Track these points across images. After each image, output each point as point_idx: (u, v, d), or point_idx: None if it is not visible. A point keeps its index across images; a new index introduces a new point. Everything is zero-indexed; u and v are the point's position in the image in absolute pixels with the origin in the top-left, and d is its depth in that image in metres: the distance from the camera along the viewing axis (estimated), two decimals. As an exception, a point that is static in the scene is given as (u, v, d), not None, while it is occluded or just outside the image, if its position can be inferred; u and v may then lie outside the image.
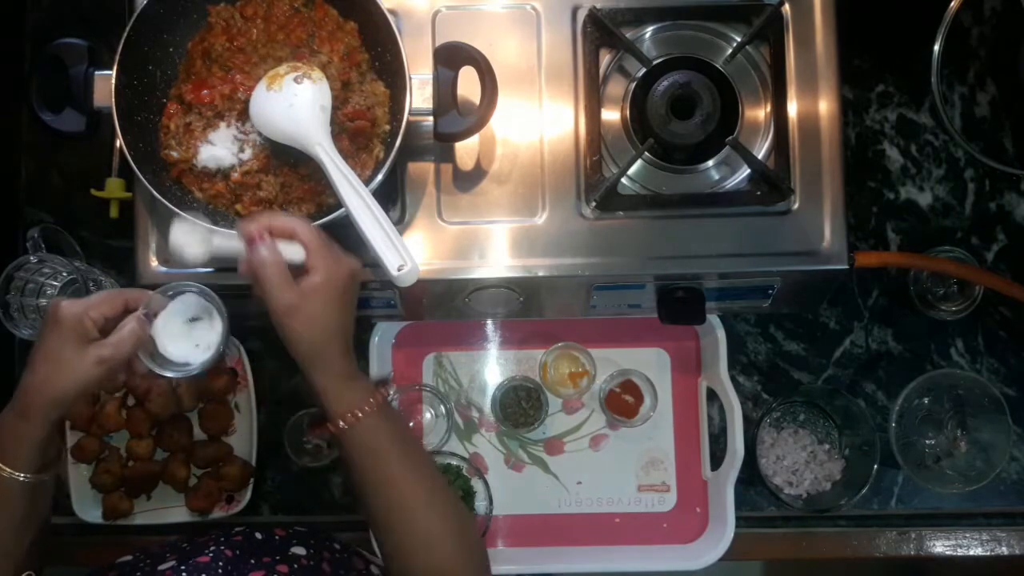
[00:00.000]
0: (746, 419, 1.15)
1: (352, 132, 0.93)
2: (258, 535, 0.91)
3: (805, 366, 1.22)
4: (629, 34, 1.00)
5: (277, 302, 0.82)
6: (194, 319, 0.90)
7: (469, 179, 1.00)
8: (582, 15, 1.00)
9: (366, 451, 0.83)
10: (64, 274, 1.15)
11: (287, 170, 0.94)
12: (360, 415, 0.82)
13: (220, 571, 0.81)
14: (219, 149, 0.93)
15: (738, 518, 1.14)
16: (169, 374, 0.90)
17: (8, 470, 0.81)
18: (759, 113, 1.01)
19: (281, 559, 0.86)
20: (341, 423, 0.82)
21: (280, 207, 0.94)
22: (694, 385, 1.22)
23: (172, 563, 0.82)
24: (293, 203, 0.94)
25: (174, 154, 0.93)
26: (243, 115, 0.93)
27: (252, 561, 0.85)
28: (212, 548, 0.85)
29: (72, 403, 0.83)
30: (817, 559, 1.22)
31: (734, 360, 1.19)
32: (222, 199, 0.94)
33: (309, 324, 0.82)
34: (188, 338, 0.90)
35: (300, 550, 0.90)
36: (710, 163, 1.00)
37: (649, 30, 1.02)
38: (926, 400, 1.20)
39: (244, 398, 1.18)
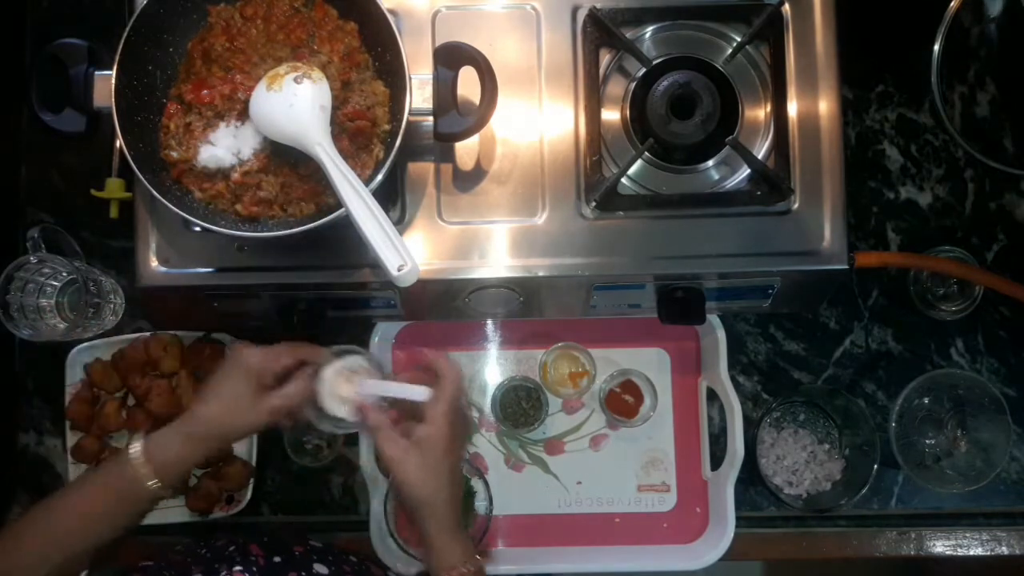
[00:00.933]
0: (746, 419, 1.15)
1: (352, 132, 0.93)
2: (276, 558, 0.89)
3: (805, 366, 1.22)
4: (629, 34, 1.00)
5: (385, 454, 0.88)
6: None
7: (469, 179, 1.00)
8: (582, 15, 1.00)
9: None
10: (64, 274, 1.15)
11: (287, 170, 0.94)
12: (464, 571, 0.85)
13: None
14: (219, 149, 0.93)
15: (738, 518, 1.14)
16: (327, 428, 0.98)
17: (159, 483, 0.87)
18: (759, 113, 1.01)
19: None
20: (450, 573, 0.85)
21: (280, 207, 0.94)
22: (694, 385, 1.22)
23: None
24: (293, 203, 0.94)
25: (174, 154, 0.93)
26: (243, 115, 0.93)
27: None
28: (238, 567, 0.84)
29: (228, 444, 0.95)
30: (817, 559, 1.22)
31: (734, 360, 1.19)
32: (222, 199, 0.94)
33: (418, 474, 0.86)
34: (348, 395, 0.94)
35: (323, 568, 0.89)
36: (710, 163, 1.00)
37: (649, 30, 1.02)
38: (926, 400, 1.20)
39: (244, 398, 1.18)
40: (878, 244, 1.21)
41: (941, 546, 1.21)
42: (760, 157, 0.99)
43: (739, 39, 1.00)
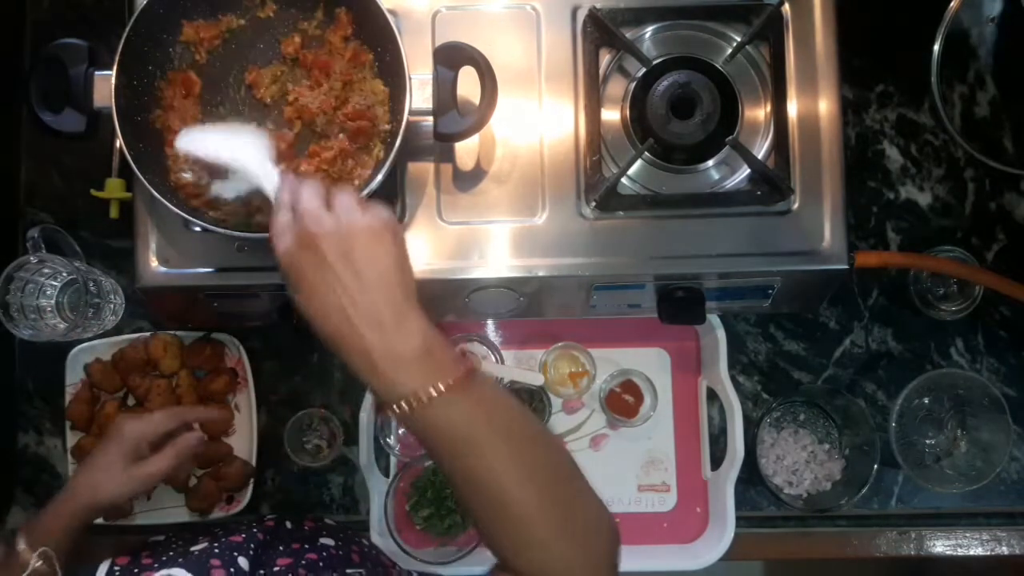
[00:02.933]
0: (746, 419, 1.15)
1: (352, 132, 0.93)
2: (288, 524, 0.92)
3: (805, 366, 1.22)
4: (629, 34, 1.00)
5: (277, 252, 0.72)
6: None
7: (469, 179, 1.00)
8: (582, 15, 1.00)
9: (443, 443, 0.68)
10: (64, 274, 1.15)
11: None
12: (406, 407, 0.67)
13: (251, 552, 0.81)
14: (231, 183, 0.90)
15: (738, 518, 1.14)
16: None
17: (29, 552, 0.87)
18: (759, 113, 1.01)
19: (310, 547, 0.87)
20: (387, 412, 0.68)
21: None
22: (694, 385, 1.22)
23: (205, 544, 0.82)
24: None
25: (186, 176, 0.93)
26: None
27: (281, 548, 0.85)
28: (244, 530, 0.86)
29: (102, 513, 0.95)
30: (817, 559, 1.22)
31: (734, 360, 1.19)
32: (236, 216, 0.93)
33: (300, 297, 0.69)
34: None
35: (329, 541, 0.90)
36: (710, 163, 1.00)
37: (649, 30, 1.02)
38: (926, 400, 1.20)
39: (244, 398, 1.18)
40: (878, 244, 1.21)
41: (941, 546, 1.21)
42: (760, 157, 0.99)
43: (739, 39, 1.00)
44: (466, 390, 0.68)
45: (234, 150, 0.82)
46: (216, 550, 0.80)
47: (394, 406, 0.67)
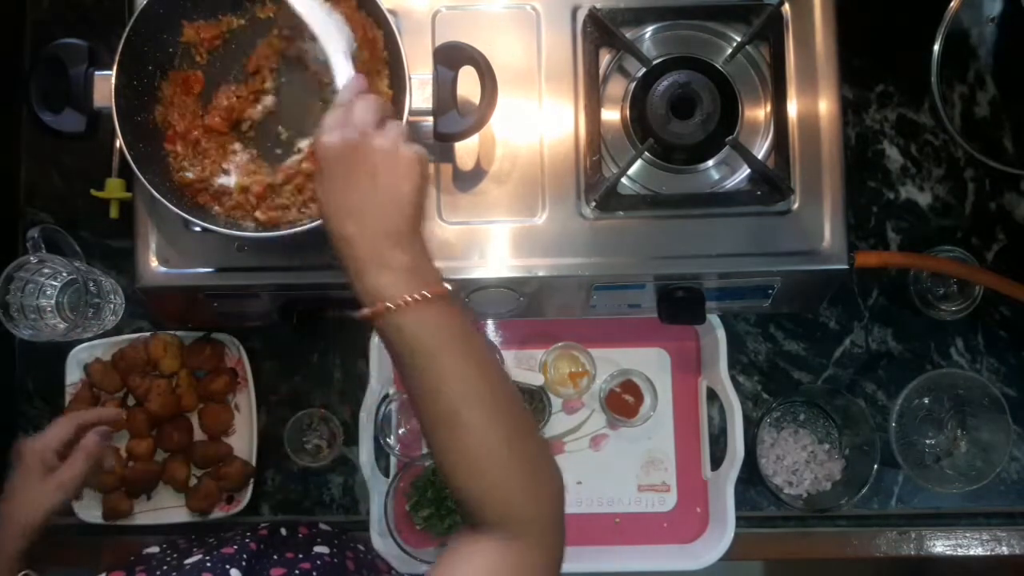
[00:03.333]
0: (746, 419, 1.15)
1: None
2: (283, 531, 0.92)
3: (805, 366, 1.22)
4: (629, 34, 1.00)
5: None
6: None
7: (469, 179, 1.00)
8: (582, 15, 1.00)
9: (405, 349, 0.72)
10: (64, 274, 1.15)
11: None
12: (393, 306, 0.71)
13: (244, 564, 0.81)
14: (235, 175, 0.93)
15: (738, 518, 1.14)
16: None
17: None
18: (759, 113, 1.01)
19: (304, 557, 0.87)
20: (363, 311, 0.72)
21: (298, 209, 0.93)
22: (694, 385, 1.22)
23: (199, 556, 0.82)
24: (308, 203, 0.93)
25: (189, 175, 0.93)
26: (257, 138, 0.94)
27: (275, 557, 0.85)
28: (237, 540, 0.86)
29: (41, 528, 0.93)
30: (817, 559, 1.22)
31: (734, 360, 1.19)
32: (241, 210, 0.93)
33: (320, 190, 0.75)
34: None
35: (323, 549, 0.90)
36: (710, 163, 1.00)
37: (649, 30, 1.02)
38: (926, 400, 1.20)
39: (244, 398, 1.18)
40: (878, 244, 1.21)
41: (941, 546, 1.21)
42: (760, 157, 0.99)
43: (739, 39, 1.00)
44: (439, 306, 0.72)
45: (325, 25, 0.87)
46: (208, 563, 0.80)
47: (370, 306, 0.72)
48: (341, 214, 0.73)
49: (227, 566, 0.80)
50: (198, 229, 0.96)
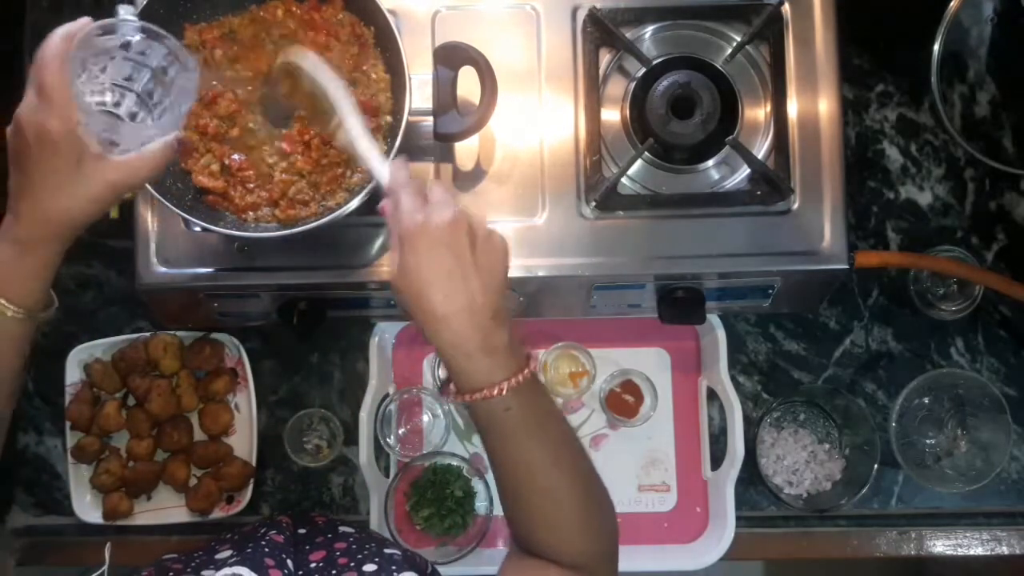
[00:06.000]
0: (746, 419, 1.15)
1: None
2: (301, 530, 0.92)
3: (805, 366, 1.22)
4: (629, 34, 1.00)
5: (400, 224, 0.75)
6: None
7: (469, 179, 1.00)
8: (582, 15, 1.00)
9: (508, 429, 0.75)
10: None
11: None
12: (486, 395, 0.73)
13: (293, 553, 0.83)
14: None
15: (738, 518, 1.14)
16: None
17: (21, 311, 0.74)
18: (759, 113, 1.01)
19: (335, 537, 0.88)
20: (474, 396, 0.74)
21: (317, 203, 0.93)
22: (694, 385, 1.22)
23: (229, 551, 0.82)
24: (328, 195, 0.94)
25: (207, 181, 0.93)
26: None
27: (307, 547, 0.86)
28: (273, 531, 0.86)
29: (81, 227, 0.73)
30: (817, 559, 1.22)
31: (734, 360, 1.19)
32: (259, 209, 0.94)
33: (406, 281, 0.74)
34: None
35: (348, 528, 0.92)
36: (710, 163, 1.00)
37: (649, 30, 1.02)
38: (926, 400, 1.20)
39: (244, 398, 1.18)
40: (878, 244, 1.21)
41: (941, 546, 1.21)
42: (760, 157, 0.99)
43: (739, 39, 1.00)
44: (535, 384, 0.76)
45: (352, 115, 0.81)
46: (267, 549, 0.81)
47: (481, 391, 0.73)
48: (447, 291, 0.72)
49: (283, 555, 0.80)
50: (198, 229, 0.96)
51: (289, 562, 0.80)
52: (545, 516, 0.77)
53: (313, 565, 0.81)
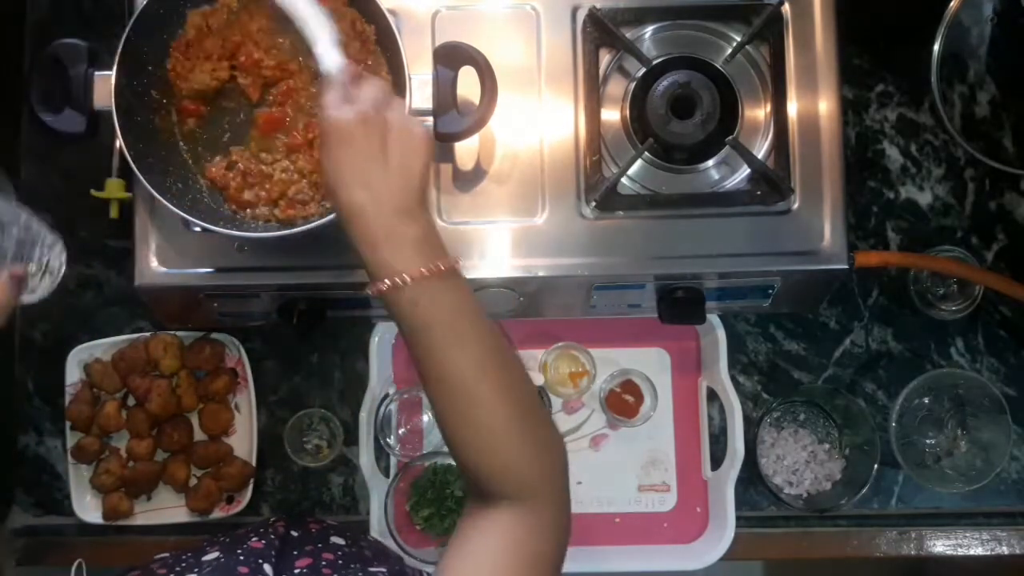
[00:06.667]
0: (746, 419, 1.15)
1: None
2: (294, 533, 0.92)
3: (805, 366, 1.22)
4: (629, 34, 1.00)
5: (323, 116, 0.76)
6: None
7: (469, 179, 1.00)
8: (582, 15, 1.00)
9: (419, 323, 0.73)
10: None
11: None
12: (388, 285, 0.72)
13: (273, 558, 0.82)
14: None
15: (738, 518, 1.14)
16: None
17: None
18: (759, 113, 1.01)
19: (324, 547, 0.87)
20: (378, 286, 0.73)
21: (316, 203, 0.94)
22: (694, 385, 1.22)
23: (216, 554, 0.82)
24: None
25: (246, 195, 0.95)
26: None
27: (295, 552, 0.85)
28: (262, 537, 0.86)
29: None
30: (817, 559, 1.22)
31: (734, 360, 1.19)
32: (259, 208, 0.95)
33: (324, 178, 0.75)
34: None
35: (340, 539, 0.91)
36: (710, 163, 1.00)
37: (649, 30, 1.02)
38: (926, 400, 1.20)
39: (244, 398, 1.18)
40: (878, 244, 1.21)
41: (941, 546, 1.21)
42: (760, 157, 0.99)
43: (739, 39, 1.00)
44: (452, 280, 0.74)
45: (309, 15, 0.82)
46: (242, 557, 0.80)
47: (384, 281, 0.72)
48: (353, 186, 0.73)
49: (260, 560, 0.80)
50: (198, 229, 0.96)
51: (267, 567, 0.79)
52: (482, 433, 0.73)
53: (297, 571, 0.81)
